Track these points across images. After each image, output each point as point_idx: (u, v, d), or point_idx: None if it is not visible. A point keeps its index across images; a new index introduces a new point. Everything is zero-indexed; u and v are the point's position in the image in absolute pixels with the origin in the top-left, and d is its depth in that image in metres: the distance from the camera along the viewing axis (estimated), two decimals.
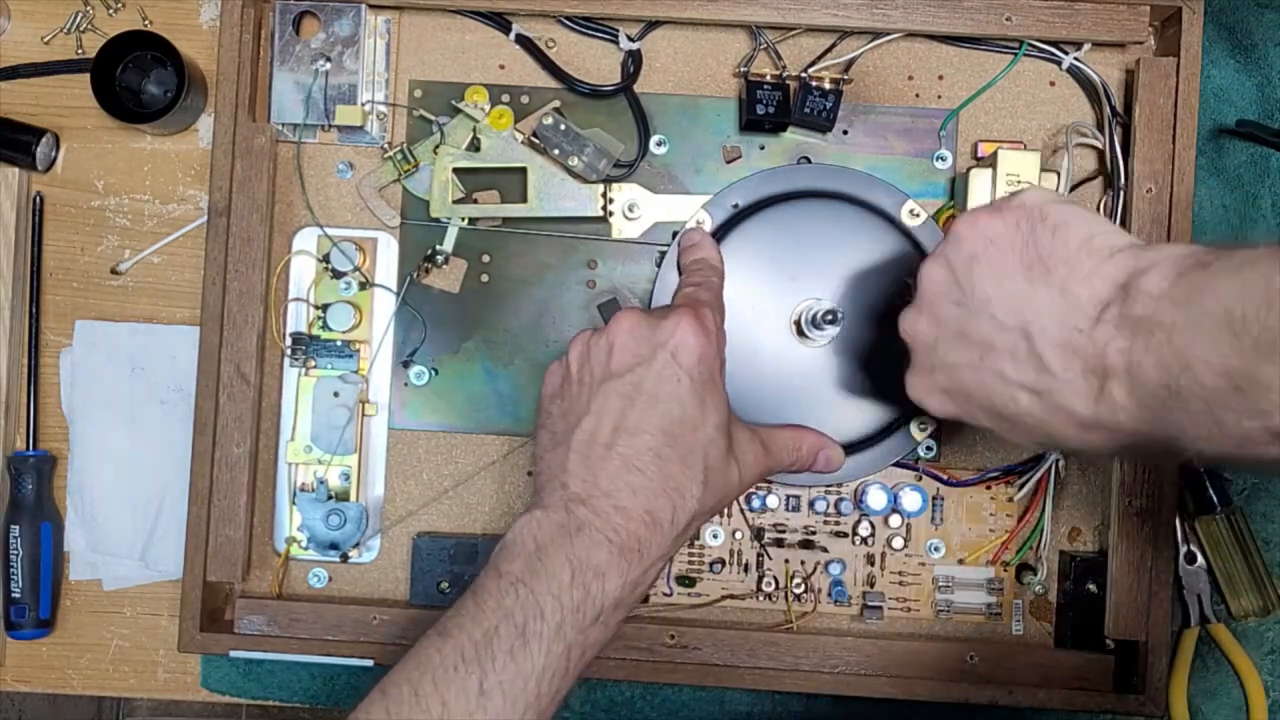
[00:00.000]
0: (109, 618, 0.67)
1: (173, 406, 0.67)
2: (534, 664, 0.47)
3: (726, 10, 0.63)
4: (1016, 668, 0.62)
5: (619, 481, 0.50)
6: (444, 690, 0.46)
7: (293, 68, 0.63)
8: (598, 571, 0.49)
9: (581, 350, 0.54)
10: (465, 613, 0.48)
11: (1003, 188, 0.61)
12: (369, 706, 0.47)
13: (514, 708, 0.47)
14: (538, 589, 0.48)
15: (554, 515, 0.50)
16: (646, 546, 0.50)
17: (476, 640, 0.47)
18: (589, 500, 0.50)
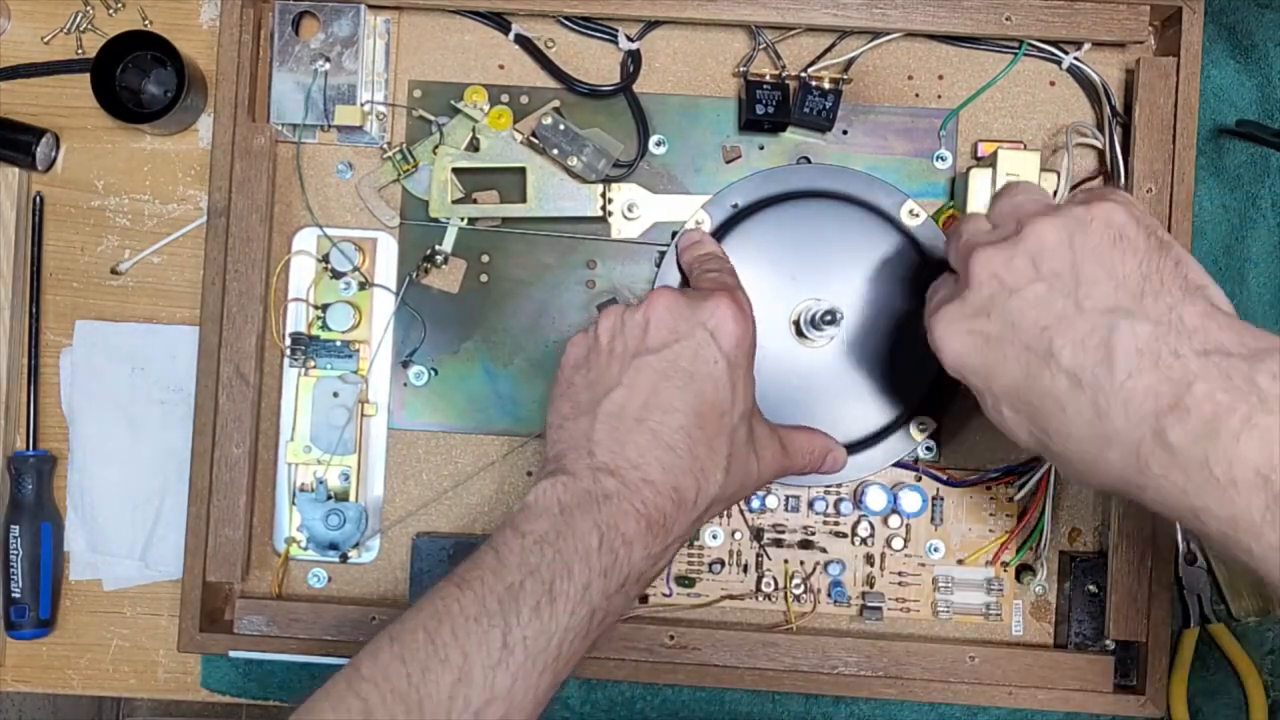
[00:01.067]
0: (109, 618, 0.67)
1: (173, 406, 0.67)
2: (559, 623, 0.46)
3: (726, 10, 0.63)
4: (1016, 668, 0.61)
5: (648, 455, 0.50)
6: (464, 640, 0.45)
7: (292, 68, 0.63)
8: (625, 539, 0.48)
9: (614, 323, 0.53)
10: (485, 566, 0.47)
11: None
12: (375, 651, 0.45)
13: (534, 665, 0.46)
14: (565, 549, 0.47)
15: (580, 481, 0.49)
16: (671, 522, 0.50)
17: (499, 593, 0.46)
18: (617, 471, 0.49)
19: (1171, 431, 0.42)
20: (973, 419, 0.64)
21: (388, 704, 0.43)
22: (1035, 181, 0.60)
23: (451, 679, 0.44)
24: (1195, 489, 0.41)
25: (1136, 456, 0.43)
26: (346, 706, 0.44)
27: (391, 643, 0.46)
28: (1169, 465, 0.42)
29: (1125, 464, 0.44)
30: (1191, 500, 0.42)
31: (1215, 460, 0.41)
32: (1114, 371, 0.43)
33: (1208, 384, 0.41)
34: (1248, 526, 0.40)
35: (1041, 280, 0.46)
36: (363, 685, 0.44)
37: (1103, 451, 0.44)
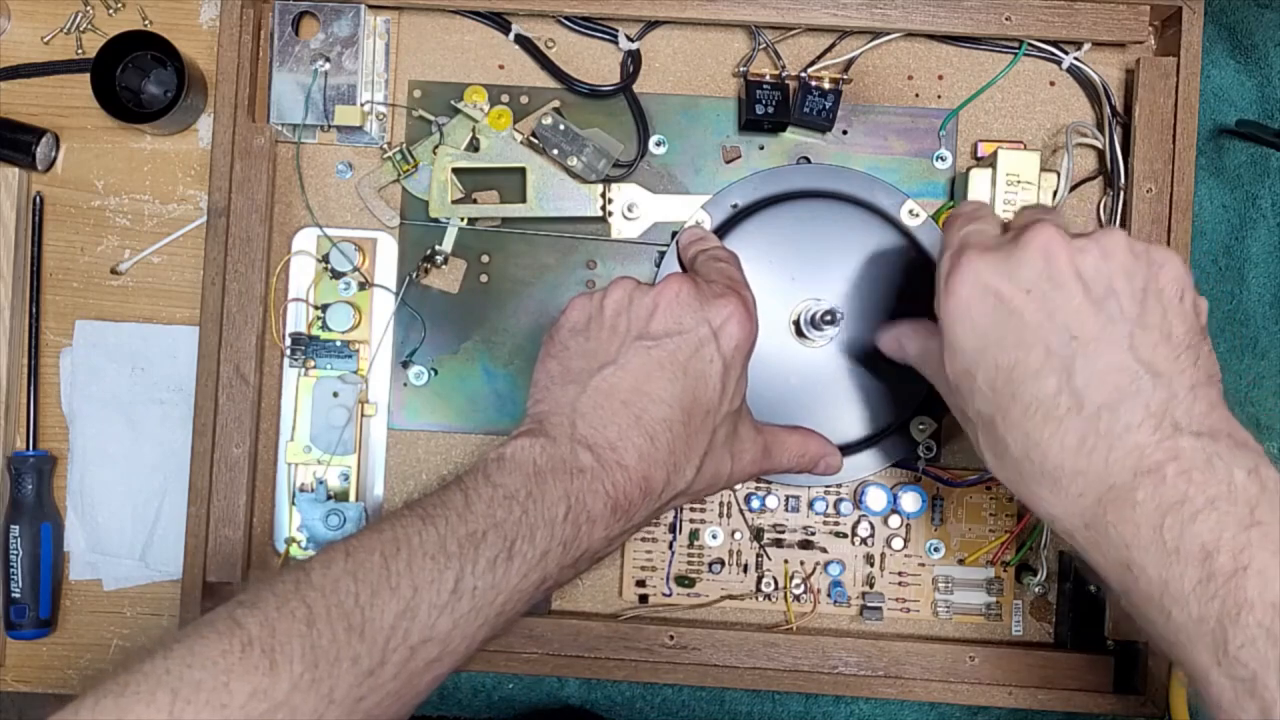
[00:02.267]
0: (109, 618, 0.67)
1: (173, 406, 0.67)
2: (510, 582, 0.46)
3: (726, 10, 0.63)
4: (1016, 668, 0.61)
5: (627, 440, 0.50)
6: (417, 574, 0.45)
7: (292, 68, 0.63)
8: (590, 516, 0.49)
9: (621, 298, 0.53)
10: (451, 507, 0.47)
11: (1003, 187, 0.61)
12: (328, 561, 0.45)
13: (477, 616, 0.46)
14: (531, 511, 0.47)
15: (559, 448, 0.50)
16: (635, 509, 0.50)
17: (461, 537, 0.46)
18: (595, 448, 0.50)
19: (1141, 490, 0.43)
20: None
21: (331, 617, 0.43)
22: (1035, 182, 0.60)
23: (398, 609, 0.44)
24: (1139, 546, 0.42)
25: (1097, 498, 0.44)
26: (290, 610, 0.43)
27: (346, 558, 0.45)
28: (1123, 518, 0.43)
29: (1082, 501, 0.44)
30: (1131, 554, 0.43)
31: (1169, 526, 0.42)
32: (1116, 418, 0.44)
33: (1190, 463, 0.43)
34: (1176, 594, 0.41)
35: (1093, 290, 0.45)
36: (310, 592, 0.44)
37: (1064, 479, 0.45)
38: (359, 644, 0.43)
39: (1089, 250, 0.46)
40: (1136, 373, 0.44)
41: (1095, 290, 0.45)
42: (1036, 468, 0.46)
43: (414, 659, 0.44)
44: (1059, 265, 0.46)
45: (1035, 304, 0.46)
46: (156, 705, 0.40)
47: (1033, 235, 0.46)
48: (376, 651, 0.43)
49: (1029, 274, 0.46)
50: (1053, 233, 0.46)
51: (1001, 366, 0.46)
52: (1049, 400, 0.45)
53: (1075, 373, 0.45)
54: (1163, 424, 0.43)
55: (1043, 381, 0.45)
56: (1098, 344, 0.45)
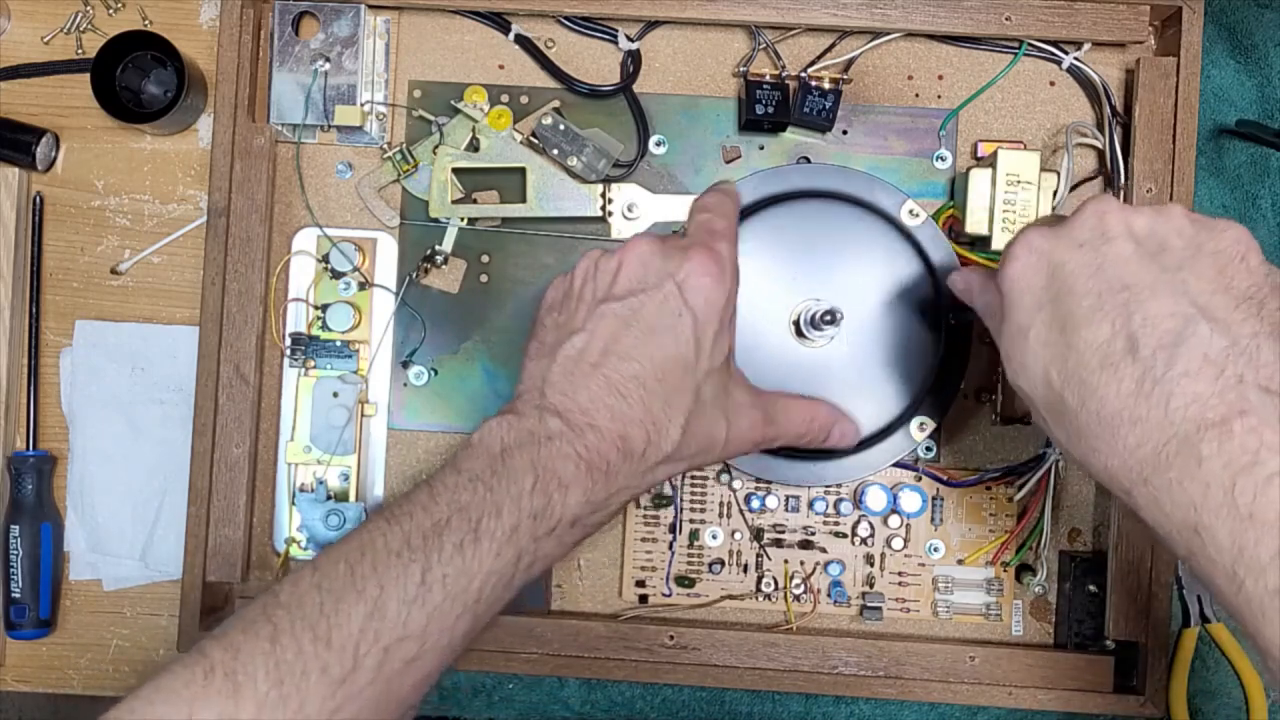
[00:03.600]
0: (109, 618, 0.67)
1: (173, 406, 0.67)
2: (481, 563, 0.45)
3: (726, 10, 0.63)
4: (1016, 668, 0.61)
5: (599, 402, 0.49)
6: (383, 573, 0.44)
7: (292, 68, 0.63)
8: (561, 483, 0.47)
9: (588, 267, 0.53)
10: (417, 503, 0.46)
11: (1003, 187, 0.61)
12: (296, 579, 0.45)
13: (452, 605, 0.45)
14: (497, 488, 0.46)
15: (525, 421, 0.49)
16: (615, 471, 0.49)
17: (425, 529, 0.45)
18: (564, 414, 0.49)
19: (1207, 445, 0.41)
20: (972, 419, 0.64)
21: (296, 629, 0.43)
22: (1035, 182, 0.60)
23: (365, 611, 0.43)
24: (1209, 508, 0.41)
25: (1157, 450, 0.42)
26: (256, 630, 0.43)
27: (313, 572, 0.45)
28: (1188, 475, 0.41)
29: (1140, 451, 0.43)
30: (1199, 516, 0.41)
31: (1242, 490, 0.40)
32: (1174, 362, 0.42)
33: (1260, 419, 0.41)
34: (1252, 562, 0.40)
35: (1145, 245, 0.45)
36: (277, 611, 0.43)
37: (1122, 427, 0.43)
38: (326, 652, 0.42)
39: (1143, 212, 0.46)
40: (1191, 316, 0.43)
41: (1148, 245, 0.45)
42: (1094, 418, 0.44)
43: (389, 660, 0.43)
44: (1110, 222, 0.46)
45: (1086, 256, 0.46)
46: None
47: (1088, 203, 0.47)
48: (347, 658, 0.43)
49: (1081, 233, 0.46)
50: (1108, 199, 0.47)
51: (1055, 320, 0.46)
52: (1104, 346, 0.44)
53: (1130, 317, 0.44)
54: (1224, 373, 0.42)
55: (1097, 328, 0.44)
56: (1151, 290, 0.44)
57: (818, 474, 0.63)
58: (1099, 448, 0.45)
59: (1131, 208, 0.47)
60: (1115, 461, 0.44)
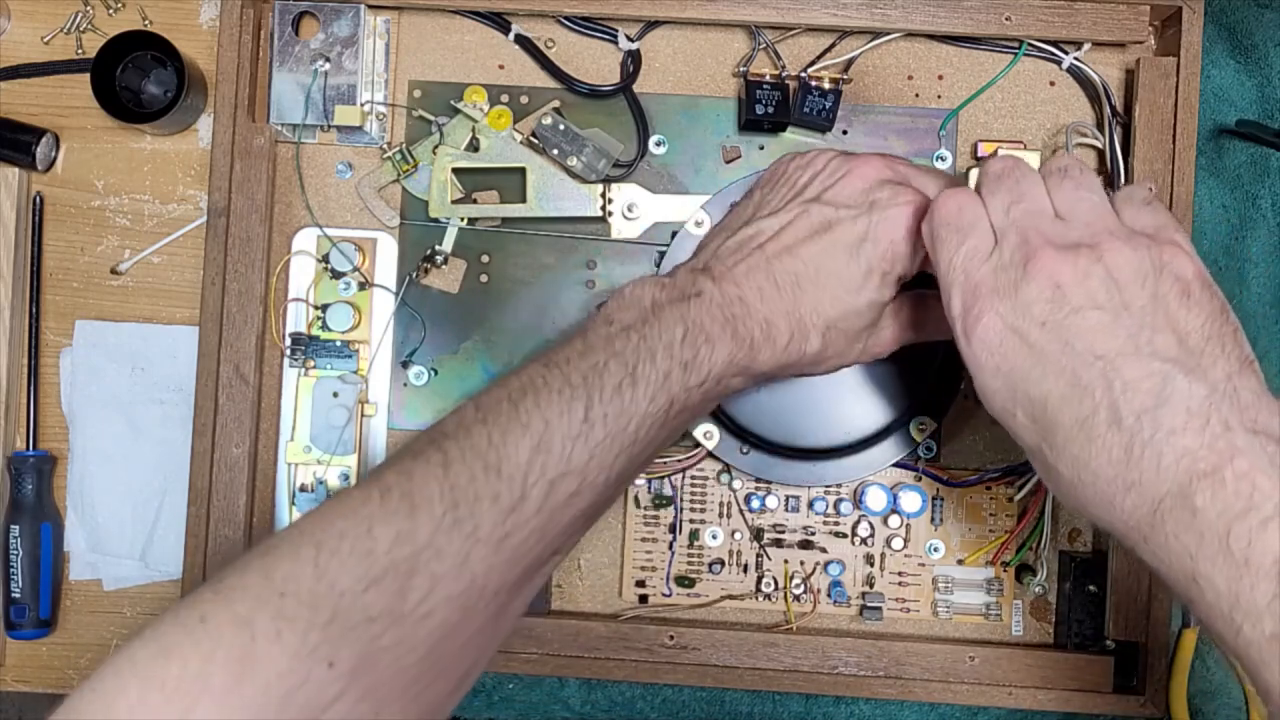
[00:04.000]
0: (109, 618, 0.67)
1: (173, 406, 0.67)
2: (638, 406, 0.47)
3: (726, 10, 0.63)
4: (1016, 668, 0.62)
5: (753, 281, 0.51)
6: (546, 409, 0.46)
7: (292, 68, 0.63)
8: (709, 337, 0.50)
9: (818, 164, 0.55)
10: (572, 348, 0.48)
11: None
12: (460, 414, 0.46)
13: (612, 445, 0.47)
14: (650, 336, 0.49)
15: (678, 282, 0.51)
16: (757, 348, 0.51)
17: (584, 371, 0.47)
18: (716, 278, 0.51)
19: (1200, 496, 0.41)
20: (973, 419, 0.64)
21: (466, 459, 0.44)
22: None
23: (531, 444, 0.45)
24: (1205, 557, 0.41)
25: (1153, 509, 0.42)
26: (426, 457, 0.44)
27: (476, 408, 0.47)
28: (1184, 526, 0.41)
29: (1138, 513, 0.43)
30: (1196, 565, 0.41)
31: (1236, 536, 0.40)
32: (1159, 422, 0.42)
33: (1250, 463, 0.41)
34: (1248, 608, 0.40)
35: (1108, 310, 0.45)
36: (445, 441, 0.45)
37: (1117, 495, 0.43)
38: (497, 481, 0.44)
39: (1093, 274, 0.45)
40: (1167, 373, 0.43)
41: (1108, 308, 0.45)
42: (1089, 488, 0.45)
43: (554, 493, 0.45)
44: (1068, 294, 0.45)
45: (1052, 334, 0.45)
46: (301, 559, 0.41)
47: (1037, 265, 0.46)
48: (516, 487, 0.44)
49: (1041, 308, 0.46)
50: (1053, 257, 0.46)
51: (1035, 399, 0.46)
52: (1087, 420, 0.44)
53: (1110, 386, 0.44)
54: (1210, 423, 0.42)
55: (1078, 404, 0.44)
56: (1123, 356, 0.44)
57: (818, 474, 0.63)
58: (1099, 514, 0.45)
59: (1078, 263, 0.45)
60: (1117, 524, 0.44)
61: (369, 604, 0.41)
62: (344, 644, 0.40)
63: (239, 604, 0.40)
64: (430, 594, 0.42)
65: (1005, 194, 0.49)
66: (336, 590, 0.40)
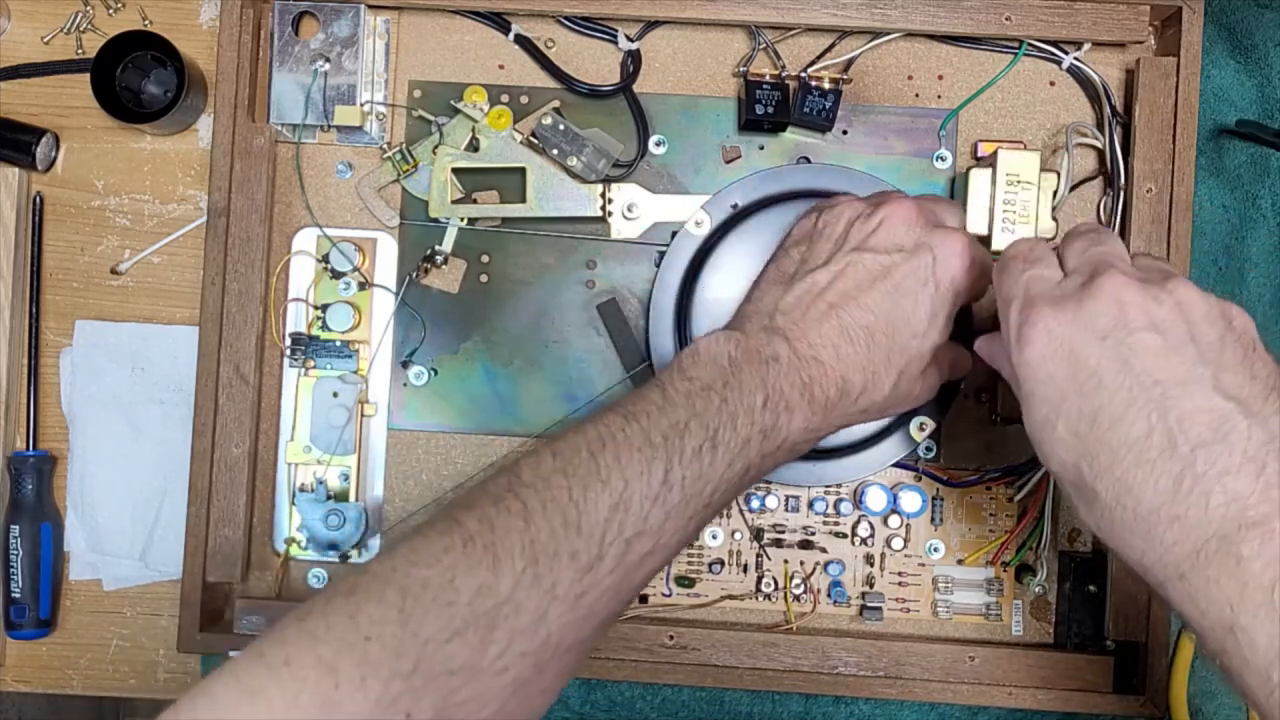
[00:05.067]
0: (109, 618, 0.67)
1: (173, 406, 0.67)
2: (716, 471, 0.47)
3: (726, 10, 0.63)
4: (1016, 668, 0.61)
5: (827, 340, 0.51)
6: (626, 467, 0.45)
7: (292, 68, 0.63)
8: (789, 404, 0.49)
9: (848, 214, 0.54)
10: (650, 402, 0.48)
11: (1003, 187, 0.61)
12: (537, 462, 0.46)
13: (687, 507, 0.46)
14: (730, 400, 0.48)
15: (751, 340, 0.50)
16: (832, 406, 0.51)
17: (664, 430, 0.46)
18: (792, 340, 0.51)
19: (1248, 545, 0.40)
20: (973, 419, 0.64)
21: (547, 512, 0.44)
22: (1035, 182, 0.60)
23: (610, 502, 0.44)
24: (1247, 609, 0.40)
25: (1196, 549, 0.41)
26: (506, 506, 0.44)
27: (554, 457, 0.46)
28: (1226, 573, 0.40)
29: (1177, 549, 0.42)
30: (1236, 616, 0.40)
31: None
32: (1214, 460, 0.41)
33: None
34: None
35: (1172, 336, 0.44)
36: (523, 489, 0.44)
37: (1159, 525, 0.42)
38: (576, 539, 0.43)
39: (1163, 301, 0.45)
40: (1228, 412, 0.42)
41: (1172, 337, 0.44)
42: (1129, 513, 0.43)
43: (629, 553, 0.45)
44: (1132, 314, 0.44)
45: (1111, 351, 0.44)
46: (386, 603, 0.40)
47: (1104, 283, 0.45)
48: (594, 546, 0.44)
49: (1103, 323, 0.45)
50: (1123, 281, 0.45)
51: (1085, 413, 0.44)
52: (1139, 442, 0.43)
53: (1166, 413, 0.42)
54: (1265, 471, 0.41)
55: (1130, 426, 0.43)
56: (1183, 386, 0.43)
57: (818, 474, 0.63)
58: (1134, 542, 0.44)
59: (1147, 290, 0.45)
60: (1151, 557, 0.43)
61: (450, 655, 0.40)
62: (424, 695, 0.39)
63: (324, 647, 0.39)
64: (508, 649, 0.42)
65: (1084, 241, 0.49)
66: (420, 639, 0.40)
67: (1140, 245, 0.61)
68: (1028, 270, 0.48)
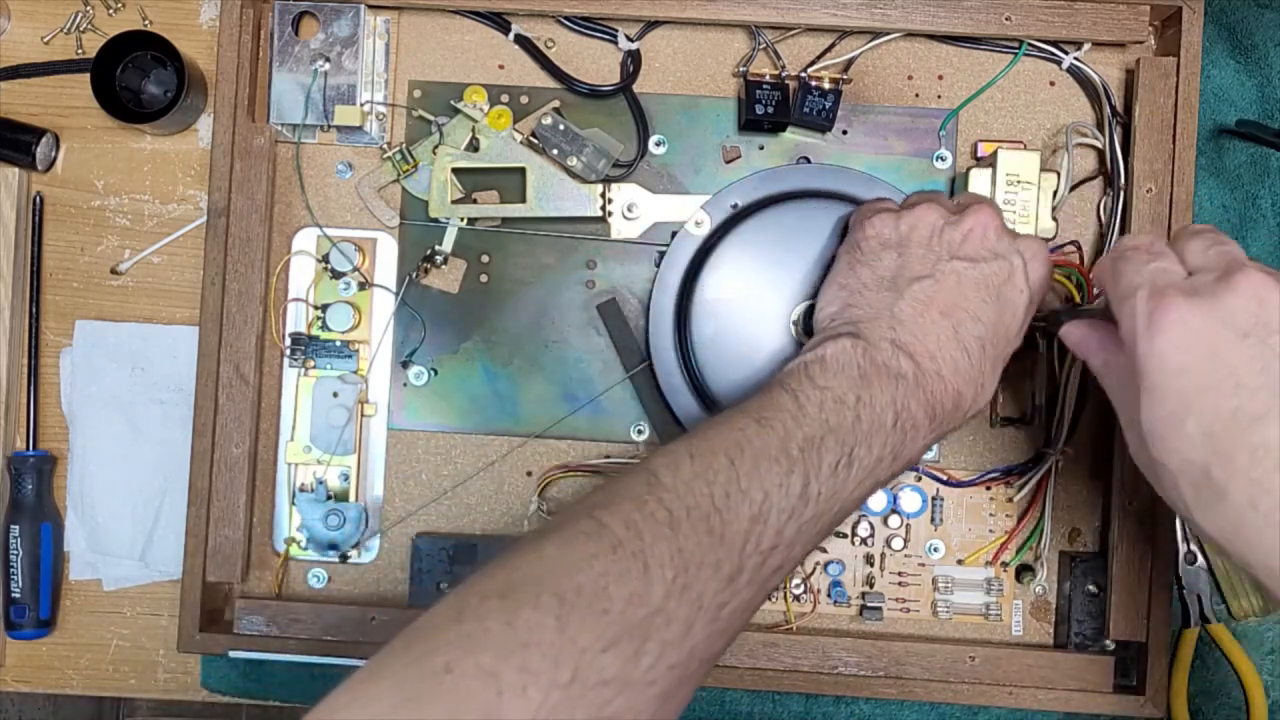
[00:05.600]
0: (109, 618, 0.67)
1: (173, 406, 0.67)
2: (848, 489, 0.46)
3: (726, 10, 0.63)
4: (1016, 669, 0.61)
5: (945, 351, 0.50)
6: (766, 478, 0.44)
7: (292, 68, 0.63)
8: (915, 423, 0.49)
9: (933, 221, 0.53)
10: (784, 409, 0.47)
11: (1003, 187, 0.61)
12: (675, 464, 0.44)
13: (817, 523, 0.46)
14: (865, 417, 0.47)
15: (879, 353, 0.50)
16: (947, 421, 0.51)
17: (800, 441, 0.46)
18: (915, 356, 0.50)
19: None
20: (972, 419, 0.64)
21: (693, 519, 0.42)
22: (1035, 182, 0.60)
23: (750, 514, 0.44)
24: None
25: None
26: (650, 511, 0.42)
27: (692, 459, 0.45)
28: None
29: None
30: None
31: None
32: None
33: None
34: None
35: None
36: (665, 494, 0.43)
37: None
38: (720, 549, 0.42)
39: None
40: None
41: None
42: (1262, 517, 0.42)
43: (765, 565, 0.44)
44: (1273, 314, 0.43)
45: (1252, 350, 0.43)
46: (542, 608, 0.39)
47: (1242, 279, 0.44)
48: (735, 557, 0.43)
49: (1243, 320, 0.44)
50: (1263, 279, 0.44)
51: (1221, 412, 0.43)
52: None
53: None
54: None
55: (1273, 426, 0.42)
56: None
57: None
58: (1260, 546, 0.43)
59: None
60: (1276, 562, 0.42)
61: (605, 666, 0.39)
62: (580, 706, 0.38)
63: (484, 653, 0.38)
64: (659, 660, 0.40)
65: (1204, 240, 0.48)
66: (578, 647, 0.39)
67: None
68: (1153, 262, 0.48)
